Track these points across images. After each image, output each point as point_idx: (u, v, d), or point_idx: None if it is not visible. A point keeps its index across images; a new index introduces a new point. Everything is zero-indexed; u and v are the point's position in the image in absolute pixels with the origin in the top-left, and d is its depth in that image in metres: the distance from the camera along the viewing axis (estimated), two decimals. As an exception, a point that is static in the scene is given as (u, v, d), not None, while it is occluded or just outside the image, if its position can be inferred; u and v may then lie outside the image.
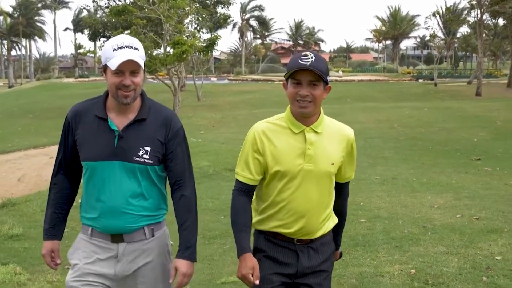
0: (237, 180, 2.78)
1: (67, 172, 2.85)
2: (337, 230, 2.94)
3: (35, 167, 13.94)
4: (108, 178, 2.66)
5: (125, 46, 2.59)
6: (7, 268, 5.25)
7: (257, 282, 2.61)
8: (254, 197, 2.84)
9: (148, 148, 2.67)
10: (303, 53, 2.62)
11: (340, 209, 2.93)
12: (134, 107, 2.70)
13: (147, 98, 2.76)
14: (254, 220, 2.80)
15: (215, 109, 31.16)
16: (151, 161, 2.68)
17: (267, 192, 2.76)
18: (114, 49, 2.58)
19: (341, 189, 2.91)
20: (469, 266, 5.03)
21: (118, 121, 2.69)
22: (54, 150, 15.56)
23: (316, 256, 2.76)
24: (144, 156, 2.66)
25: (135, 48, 2.61)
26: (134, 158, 2.65)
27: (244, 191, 2.75)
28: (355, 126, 20.53)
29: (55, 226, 2.84)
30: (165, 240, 2.85)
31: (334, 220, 2.88)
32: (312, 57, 2.59)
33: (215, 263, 5.84)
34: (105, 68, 2.63)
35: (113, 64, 2.56)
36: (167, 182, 2.86)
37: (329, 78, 2.66)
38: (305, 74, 2.58)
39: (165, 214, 2.84)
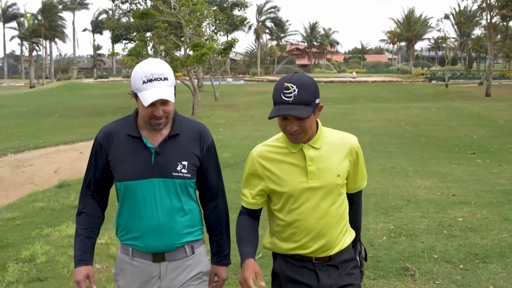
0: (242, 205, 2.74)
1: (96, 195, 2.79)
2: (353, 245, 2.81)
3: (68, 160, 14.97)
4: (149, 196, 2.62)
5: (155, 79, 2.51)
6: (81, 225, 6.79)
7: (263, 284, 2.48)
8: (269, 221, 2.78)
9: (185, 163, 2.66)
10: (285, 85, 2.44)
11: (351, 222, 2.77)
12: None
13: (178, 114, 2.74)
14: (270, 242, 2.74)
15: (232, 109, 32.25)
16: (189, 175, 2.67)
17: (278, 214, 2.66)
18: (144, 82, 2.52)
19: (353, 200, 2.77)
20: (435, 224, 6.52)
21: (152, 139, 2.65)
22: (83, 146, 17.08)
23: (336, 273, 2.65)
24: (183, 170, 2.65)
25: (165, 78, 2.54)
26: (173, 173, 2.63)
27: (247, 214, 2.71)
28: (364, 125, 21.84)
29: (87, 251, 2.76)
30: (205, 257, 2.83)
31: (351, 235, 2.76)
32: (294, 90, 2.42)
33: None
34: (136, 94, 2.58)
35: (144, 100, 2.52)
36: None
37: (317, 101, 2.51)
38: None
39: (202, 232, 2.84)
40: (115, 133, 2.69)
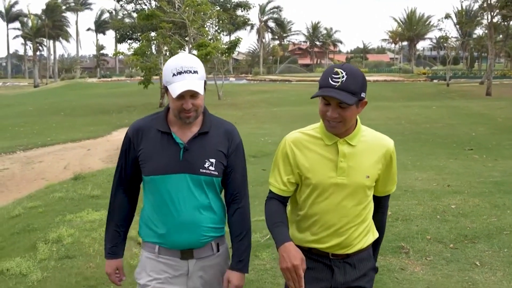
0: (270, 190, 2.69)
1: (127, 189, 2.84)
2: (374, 246, 2.75)
3: (76, 157, 15.27)
4: (175, 191, 2.64)
5: (184, 71, 2.55)
6: (100, 212, 7.29)
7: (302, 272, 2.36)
8: (289, 208, 2.74)
9: (213, 160, 2.67)
10: (335, 69, 2.40)
11: (377, 224, 2.74)
12: (196, 121, 2.69)
13: (208, 113, 2.77)
14: (290, 233, 2.62)
15: (235, 107, 32.56)
16: (216, 173, 2.68)
17: (300, 204, 2.63)
18: (174, 74, 2.55)
19: (379, 203, 2.74)
20: (430, 210, 7.03)
21: (181, 135, 2.68)
22: (90, 143, 17.77)
23: (352, 272, 2.61)
24: (210, 168, 2.66)
25: (195, 71, 2.57)
26: (201, 170, 2.64)
27: (276, 199, 2.65)
28: (365, 123, 22.33)
29: (118, 245, 2.85)
30: (227, 255, 2.86)
31: (374, 234, 2.72)
32: (343, 76, 2.36)
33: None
34: (166, 88, 2.62)
35: (172, 92, 2.55)
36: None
37: (363, 95, 2.43)
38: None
39: (224, 228, 2.83)
40: (145, 129, 2.72)
